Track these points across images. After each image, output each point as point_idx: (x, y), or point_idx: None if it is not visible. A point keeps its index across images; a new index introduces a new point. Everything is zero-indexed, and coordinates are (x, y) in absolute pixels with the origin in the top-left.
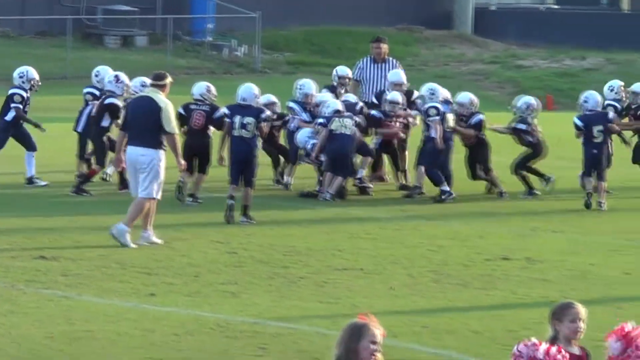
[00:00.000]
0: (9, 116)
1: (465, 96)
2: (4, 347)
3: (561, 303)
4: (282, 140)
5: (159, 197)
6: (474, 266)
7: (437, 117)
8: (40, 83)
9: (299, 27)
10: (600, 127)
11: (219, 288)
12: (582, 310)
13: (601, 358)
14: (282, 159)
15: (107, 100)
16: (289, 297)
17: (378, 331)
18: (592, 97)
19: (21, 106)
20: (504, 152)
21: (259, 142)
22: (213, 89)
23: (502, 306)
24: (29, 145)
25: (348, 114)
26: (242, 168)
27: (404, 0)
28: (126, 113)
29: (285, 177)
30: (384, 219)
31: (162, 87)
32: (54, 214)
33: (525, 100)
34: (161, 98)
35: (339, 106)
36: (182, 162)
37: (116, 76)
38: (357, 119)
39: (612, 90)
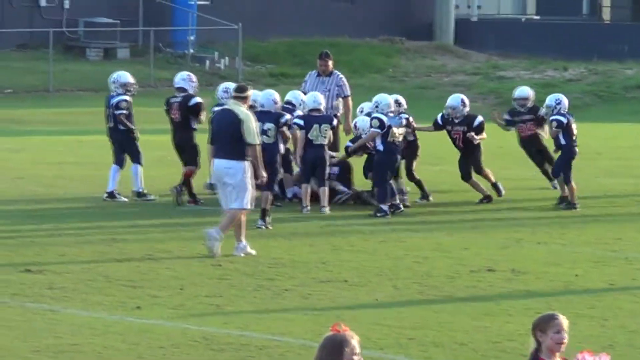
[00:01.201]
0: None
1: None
2: None
3: (544, 315)
4: None
5: (250, 207)
6: (459, 278)
7: (378, 130)
8: (136, 86)
9: (280, 38)
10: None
11: (204, 301)
12: (565, 321)
13: None
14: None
15: (192, 101)
16: (274, 310)
17: (355, 341)
18: (563, 99)
19: (126, 112)
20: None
21: (282, 147)
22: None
23: (487, 318)
24: (134, 157)
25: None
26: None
27: (385, 11)
28: (211, 126)
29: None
30: (368, 232)
31: (243, 99)
32: (38, 227)
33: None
34: (242, 110)
35: (318, 103)
36: (264, 174)
37: (189, 75)
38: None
39: None
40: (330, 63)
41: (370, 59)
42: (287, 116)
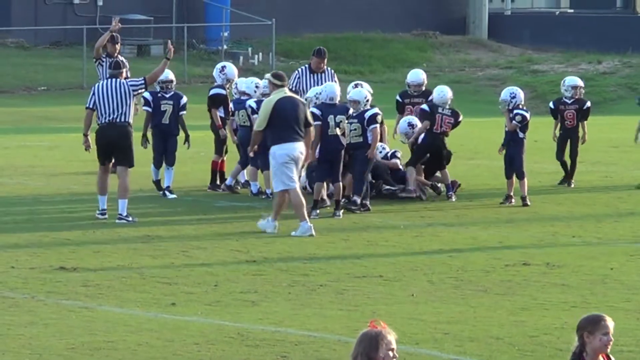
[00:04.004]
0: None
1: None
2: (25, 359)
3: (591, 316)
4: None
5: None
6: (494, 272)
7: (378, 125)
8: (173, 82)
9: (313, 33)
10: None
11: (239, 297)
12: (611, 322)
13: None
14: None
15: (210, 92)
16: (309, 305)
17: (392, 336)
18: (519, 92)
19: (149, 109)
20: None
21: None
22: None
23: (523, 312)
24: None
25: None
26: (330, 165)
27: (419, 5)
28: (273, 111)
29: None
30: (402, 226)
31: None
32: (73, 224)
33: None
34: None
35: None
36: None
37: (223, 65)
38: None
39: None
40: (325, 61)
41: (403, 54)
42: (351, 110)
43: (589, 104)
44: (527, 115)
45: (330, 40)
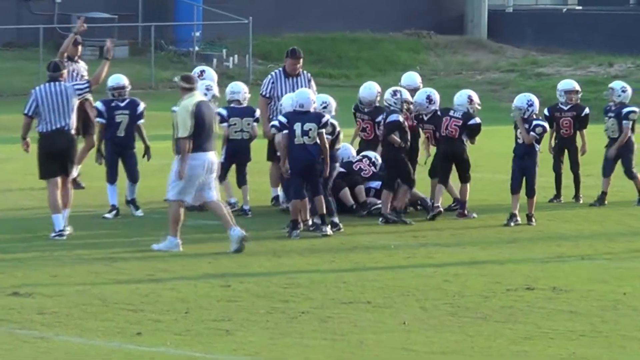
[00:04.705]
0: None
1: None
2: None
3: None
4: None
5: None
6: (494, 297)
7: (331, 137)
8: (127, 88)
9: (294, 33)
10: None
11: (212, 325)
12: None
13: None
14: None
15: None
16: (289, 335)
17: None
18: (535, 101)
19: (102, 120)
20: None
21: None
22: (476, 97)
23: (526, 341)
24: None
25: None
26: (305, 178)
27: (411, 3)
28: (197, 118)
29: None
30: (393, 247)
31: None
32: (28, 244)
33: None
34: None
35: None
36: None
37: (202, 71)
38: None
39: None
40: (301, 62)
41: (395, 56)
42: (327, 116)
43: (587, 110)
44: (547, 126)
45: (314, 40)
